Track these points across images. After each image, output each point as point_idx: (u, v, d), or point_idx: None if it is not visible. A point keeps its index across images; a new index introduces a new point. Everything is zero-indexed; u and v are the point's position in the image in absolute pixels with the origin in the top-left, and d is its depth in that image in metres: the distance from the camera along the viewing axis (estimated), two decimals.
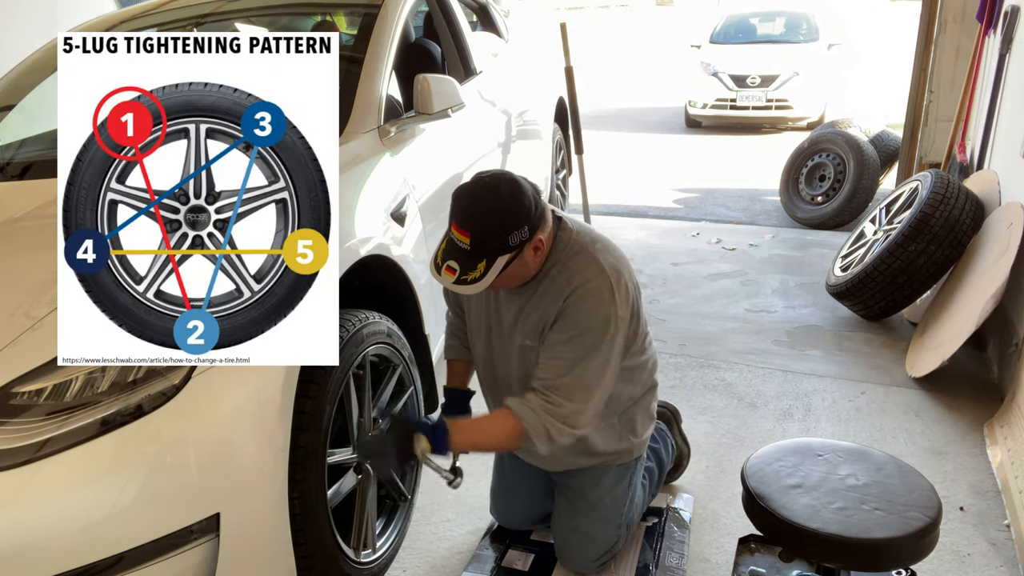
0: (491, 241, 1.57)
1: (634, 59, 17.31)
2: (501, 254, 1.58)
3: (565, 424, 1.65)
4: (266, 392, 1.57)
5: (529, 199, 1.60)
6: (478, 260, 1.58)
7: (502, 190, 1.59)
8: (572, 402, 1.65)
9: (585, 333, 1.65)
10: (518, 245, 1.59)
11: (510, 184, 1.61)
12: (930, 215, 3.13)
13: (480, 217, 1.57)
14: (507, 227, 1.56)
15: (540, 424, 1.64)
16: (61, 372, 1.42)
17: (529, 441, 1.66)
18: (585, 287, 1.65)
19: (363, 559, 1.90)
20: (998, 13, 3.62)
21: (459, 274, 1.59)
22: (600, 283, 1.65)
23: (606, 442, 1.87)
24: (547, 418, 1.64)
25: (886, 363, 3.09)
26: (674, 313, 3.73)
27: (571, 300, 1.66)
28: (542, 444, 1.66)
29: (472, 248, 1.57)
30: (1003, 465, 2.31)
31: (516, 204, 1.58)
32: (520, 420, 1.65)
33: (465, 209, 1.60)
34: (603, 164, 7.07)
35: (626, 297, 1.69)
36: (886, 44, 13.08)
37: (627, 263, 1.75)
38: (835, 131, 5.32)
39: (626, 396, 1.87)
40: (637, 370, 1.87)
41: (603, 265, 1.67)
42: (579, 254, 1.69)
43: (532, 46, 4.59)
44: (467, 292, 1.63)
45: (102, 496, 1.39)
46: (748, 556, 1.89)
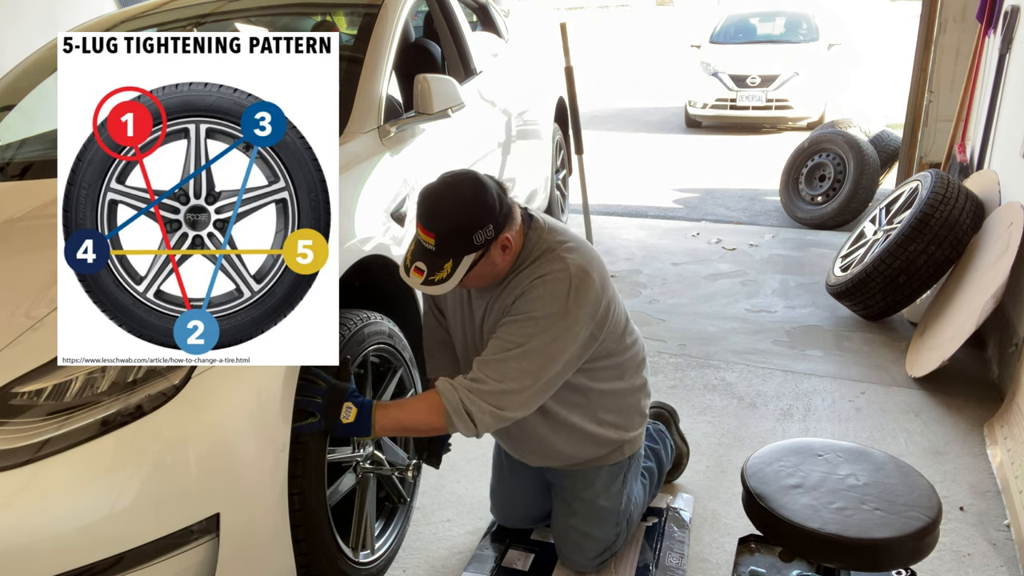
0: (456, 241, 1.57)
1: (634, 59, 17.30)
2: (467, 253, 1.58)
3: (488, 403, 1.61)
4: (266, 392, 1.56)
5: (493, 197, 1.60)
6: (444, 260, 1.59)
7: (464, 189, 1.60)
8: (501, 382, 1.61)
9: (533, 320, 1.63)
10: (483, 244, 1.59)
11: (473, 182, 1.61)
12: (930, 215, 3.13)
13: (443, 217, 1.58)
14: (471, 226, 1.57)
15: (459, 400, 1.62)
16: (61, 372, 1.42)
17: (450, 420, 1.63)
18: (543, 279, 1.65)
19: (362, 559, 1.90)
20: (998, 13, 3.62)
21: (426, 275, 1.59)
22: (560, 278, 1.64)
23: (599, 436, 1.86)
24: (467, 395, 1.61)
25: (886, 363, 3.09)
26: (674, 313, 3.73)
27: (527, 288, 1.65)
28: (462, 423, 1.62)
29: (437, 248, 1.58)
30: (1003, 465, 2.31)
31: (479, 203, 1.58)
32: (440, 395, 1.63)
33: (429, 209, 1.60)
34: (603, 164, 7.07)
35: (587, 298, 1.65)
36: (886, 44, 13.09)
37: (599, 263, 1.73)
38: (835, 131, 5.32)
39: (611, 393, 1.86)
40: (617, 368, 1.85)
41: (568, 263, 1.65)
42: (546, 252, 1.69)
43: (532, 46, 4.59)
44: (435, 292, 1.63)
45: (102, 496, 1.39)
46: (748, 556, 1.89)
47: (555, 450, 1.88)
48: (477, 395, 1.62)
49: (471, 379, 1.64)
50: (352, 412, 1.64)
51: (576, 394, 1.81)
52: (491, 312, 1.75)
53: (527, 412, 1.69)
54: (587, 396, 1.83)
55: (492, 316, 1.74)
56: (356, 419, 1.65)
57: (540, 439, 1.86)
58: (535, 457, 1.94)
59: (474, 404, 1.61)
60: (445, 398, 1.63)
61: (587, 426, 1.85)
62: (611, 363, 1.83)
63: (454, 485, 2.40)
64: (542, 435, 1.85)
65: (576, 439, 1.86)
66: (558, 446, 1.87)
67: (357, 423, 1.65)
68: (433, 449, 1.94)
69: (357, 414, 1.64)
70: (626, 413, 1.91)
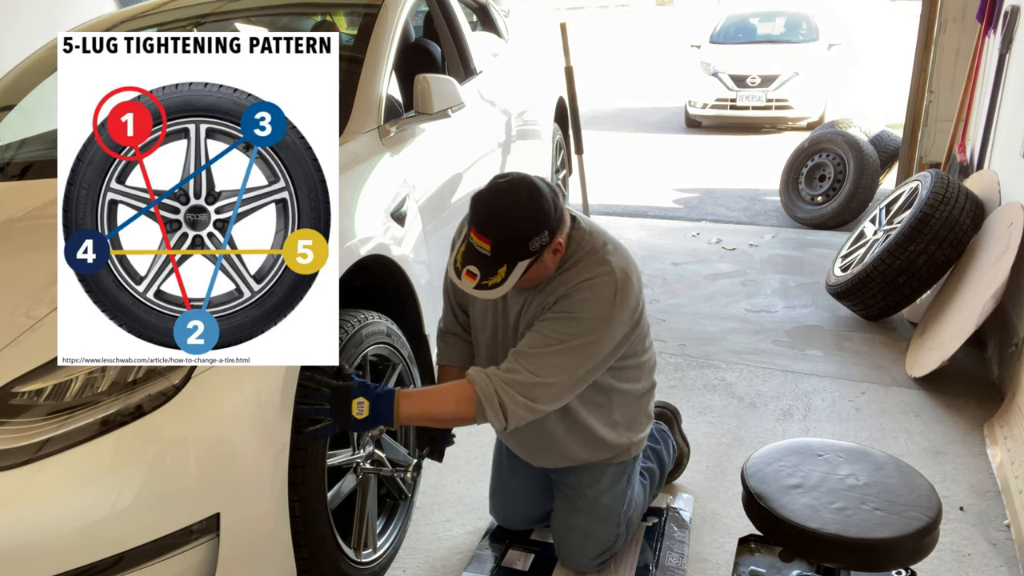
0: (512, 248, 1.57)
1: (634, 59, 17.30)
2: (522, 259, 1.58)
3: (521, 394, 1.61)
4: (266, 392, 1.56)
5: (549, 203, 1.60)
6: (499, 266, 1.58)
7: (522, 195, 1.59)
8: (538, 375, 1.61)
9: (578, 320, 1.64)
10: (539, 250, 1.59)
11: (530, 188, 1.60)
12: (930, 215, 3.13)
13: (501, 224, 1.57)
14: (528, 233, 1.56)
15: (493, 390, 1.61)
16: (61, 372, 1.42)
17: (481, 409, 1.62)
18: (590, 282, 1.65)
19: (363, 559, 1.90)
20: (998, 13, 3.62)
21: (480, 279, 1.59)
22: (606, 282, 1.65)
23: (607, 439, 1.87)
24: (502, 385, 1.61)
25: (886, 363, 3.09)
26: (674, 313, 3.73)
27: (573, 290, 1.66)
28: (493, 414, 1.61)
29: (493, 254, 1.57)
30: (1003, 465, 2.31)
31: (537, 210, 1.58)
32: (473, 384, 1.63)
33: (485, 215, 1.59)
34: (603, 164, 7.07)
35: (630, 301, 1.68)
36: (886, 44, 13.09)
37: (636, 266, 1.75)
38: (835, 131, 5.32)
39: (628, 394, 1.88)
40: (638, 369, 1.87)
41: (613, 267, 1.67)
42: (591, 254, 1.70)
43: (532, 46, 4.59)
44: (488, 297, 1.62)
45: (102, 496, 1.39)
46: (748, 556, 1.89)
47: (564, 451, 1.89)
48: (512, 386, 1.61)
49: (505, 370, 1.63)
50: (365, 406, 1.62)
51: (599, 394, 1.82)
52: (529, 308, 1.75)
53: (557, 406, 1.69)
54: (609, 396, 1.84)
55: (530, 312, 1.74)
56: (372, 411, 1.62)
57: (552, 439, 1.86)
58: (542, 457, 1.95)
59: (508, 395, 1.61)
60: (478, 386, 1.62)
61: (600, 428, 1.86)
62: (634, 363, 1.85)
63: (454, 485, 2.40)
64: (556, 435, 1.85)
65: (588, 441, 1.87)
66: (568, 447, 1.88)
67: (375, 415, 1.63)
68: (437, 443, 1.92)
69: (371, 406, 1.62)
70: (636, 415, 1.93)
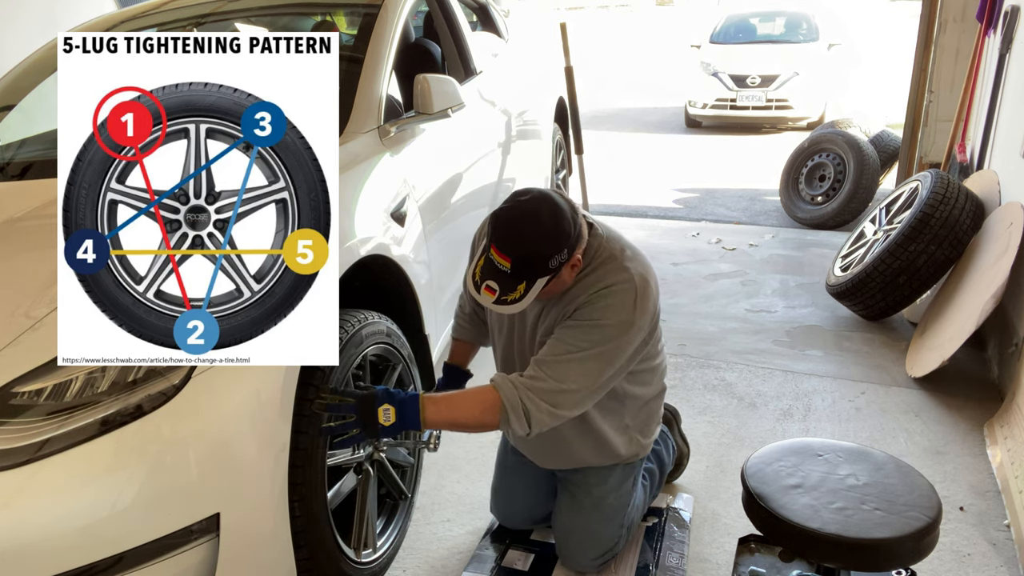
0: (532, 266, 1.58)
1: (634, 59, 17.30)
2: (541, 276, 1.59)
3: (545, 401, 1.62)
4: (266, 392, 1.56)
5: (569, 223, 1.60)
6: (518, 282, 1.59)
7: (544, 216, 1.59)
8: (561, 382, 1.62)
9: (599, 327, 1.65)
10: (558, 267, 1.60)
11: (551, 208, 1.60)
12: (930, 215, 3.13)
13: (521, 245, 1.58)
14: (549, 253, 1.57)
15: (517, 397, 1.62)
16: (61, 372, 1.42)
17: (505, 417, 1.63)
18: (610, 289, 1.66)
19: (363, 559, 1.90)
20: (998, 13, 3.62)
21: (499, 294, 1.60)
22: (627, 288, 1.66)
23: (618, 444, 1.89)
24: (527, 393, 1.62)
25: (886, 363, 3.09)
26: (674, 313, 3.73)
27: (594, 296, 1.66)
28: (518, 421, 1.62)
29: (512, 271, 1.58)
30: (1003, 465, 2.31)
31: (558, 230, 1.59)
32: (498, 391, 1.64)
33: (505, 234, 1.60)
34: (603, 164, 7.07)
35: (649, 306, 1.69)
36: (886, 44, 13.08)
37: (653, 271, 1.76)
38: (835, 131, 5.32)
39: (640, 398, 1.89)
40: (651, 373, 1.89)
41: (632, 273, 1.68)
42: (609, 260, 1.70)
43: (532, 46, 4.58)
44: (507, 312, 1.63)
45: (102, 496, 1.39)
46: (748, 556, 1.89)
47: (574, 455, 1.90)
48: (536, 393, 1.62)
49: (529, 377, 1.64)
50: (391, 412, 1.64)
51: (614, 400, 1.82)
52: (547, 315, 1.76)
53: (579, 412, 1.70)
54: (623, 402, 1.85)
55: (549, 319, 1.75)
56: (399, 416, 1.64)
57: (563, 442, 1.87)
58: (551, 459, 1.96)
59: (532, 402, 1.62)
60: (503, 393, 1.63)
61: (611, 434, 1.87)
62: (648, 367, 1.86)
63: (454, 485, 2.40)
64: (566, 439, 1.86)
65: (598, 446, 1.88)
66: (578, 451, 1.89)
67: (402, 420, 1.64)
68: None
69: (397, 412, 1.64)
70: (647, 419, 1.94)
